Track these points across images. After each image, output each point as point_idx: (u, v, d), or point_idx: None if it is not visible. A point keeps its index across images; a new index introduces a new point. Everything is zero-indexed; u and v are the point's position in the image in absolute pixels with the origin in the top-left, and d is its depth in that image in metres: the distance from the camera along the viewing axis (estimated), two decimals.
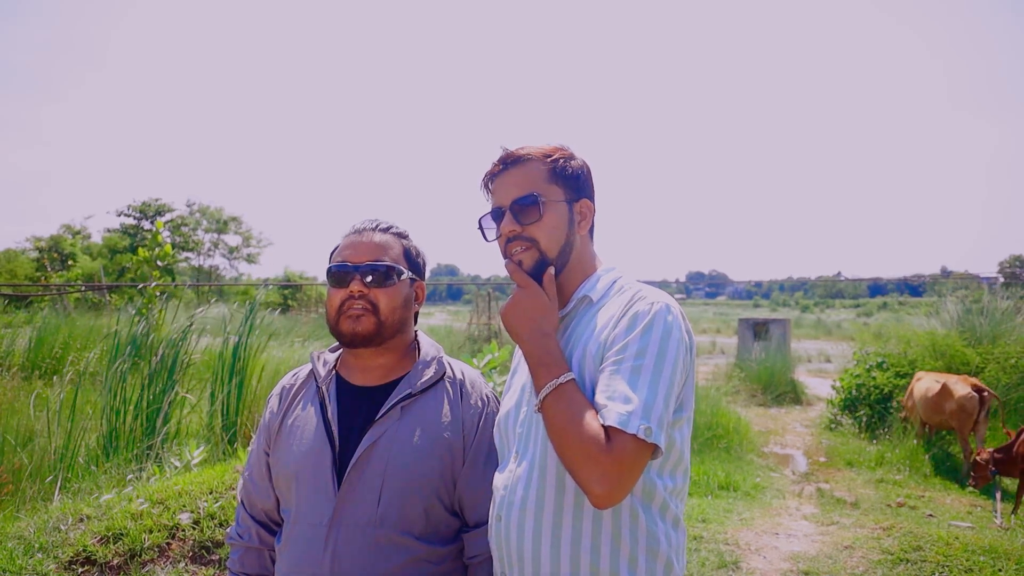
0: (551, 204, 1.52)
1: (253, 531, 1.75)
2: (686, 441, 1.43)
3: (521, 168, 1.54)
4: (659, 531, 1.38)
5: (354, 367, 1.73)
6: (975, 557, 4.25)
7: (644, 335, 1.35)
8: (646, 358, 1.33)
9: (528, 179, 1.53)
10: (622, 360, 1.33)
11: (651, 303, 1.40)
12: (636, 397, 1.29)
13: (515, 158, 1.55)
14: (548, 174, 1.54)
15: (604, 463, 1.24)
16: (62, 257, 25.76)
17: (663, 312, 1.38)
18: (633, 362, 1.33)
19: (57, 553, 3.17)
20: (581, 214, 1.56)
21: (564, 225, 1.53)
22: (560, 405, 1.32)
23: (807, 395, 12.52)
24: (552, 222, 1.52)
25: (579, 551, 1.37)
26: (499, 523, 1.49)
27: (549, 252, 1.52)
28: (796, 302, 75.34)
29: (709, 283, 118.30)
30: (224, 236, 40.13)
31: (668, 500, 1.40)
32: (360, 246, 1.70)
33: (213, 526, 3.43)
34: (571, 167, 1.56)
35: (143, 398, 5.03)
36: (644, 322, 1.36)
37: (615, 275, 1.57)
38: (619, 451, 1.25)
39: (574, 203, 1.55)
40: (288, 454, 1.66)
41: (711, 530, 5.05)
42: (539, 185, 1.53)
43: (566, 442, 1.28)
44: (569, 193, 1.55)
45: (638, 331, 1.36)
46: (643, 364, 1.32)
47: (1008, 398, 8.14)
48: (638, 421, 1.27)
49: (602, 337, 1.41)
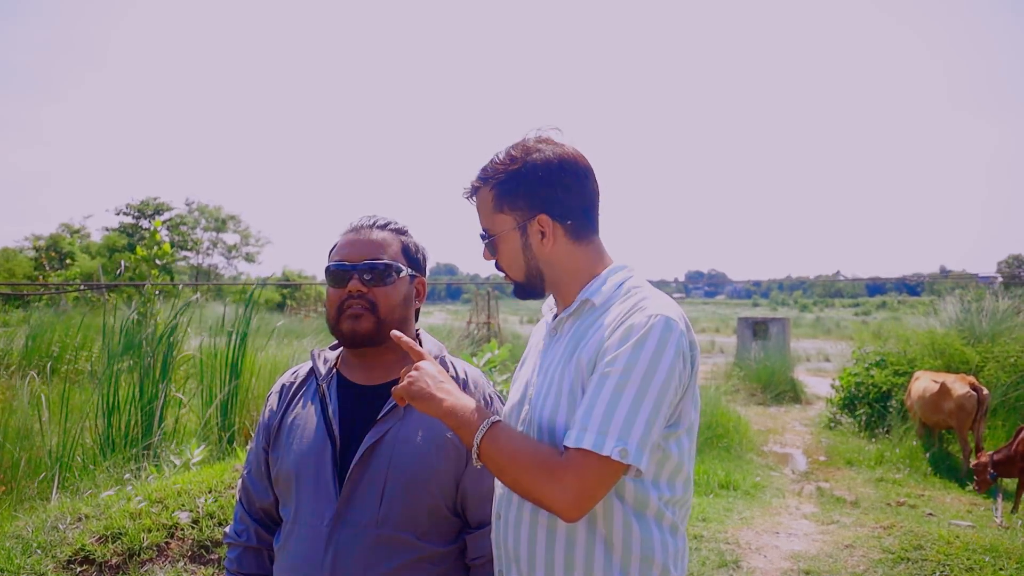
0: (501, 238, 1.48)
1: (252, 530, 1.73)
2: (685, 451, 1.38)
3: (477, 198, 1.51)
4: (654, 539, 1.34)
5: (355, 365, 1.71)
6: (976, 556, 4.25)
7: (635, 350, 1.28)
8: (632, 375, 1.27)
9: (481, 212, 1.51)
10: (608, 375, 1.29)
11: (649, 316, 1.32)
12: (615, 416, 1.25)
13: (471, 188, 1.52)
14: (494, 202, 1.47)
15: (563, 479, 1.24)
16: (60, 256, 25.72)
17: (659, 326, 1.30)
18: (619, 378, 1.27)
19: (55, 552, 3.15)
20: (540, 232, 1.45)
21: (519, 253, 1.48)
22: (499, 443, 1.30)
23: (806, 394, 12.52)
24: (508, 254, 1.49)
25: (573, 554, 1.35)
26: (499, 521, 1.48)
27: (518, 279, 1.51)
28: (795, 301, 75.41)
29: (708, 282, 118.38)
30: (222, 235, 40.13)
31: (664, 509, 1.36)
32: (358, 244, 1.68)
33: (212, 525, 3.42)
34: (521, 181, 1.44)
35: (140, 397, 5.01)
36: (637, 336, 1.29)
37: (623, 276, 1.47)
38: (581, 468, 1.24)
39: (528, 224, 1.45)
40: (288, 453, 1.65)
41: (711, 529, 5.05)
42: (487, 218, 1.49)
43: (519, 470, 1.28)
44: (520, 216, 1.45)
45: (629, 346, 1.29)
46: (628, 381, 1.27)
47: (1007, 397, 8.14)
48: (613, 443, 1.23)
49: (598, 346, 1.36)
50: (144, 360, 5.14)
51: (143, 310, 6.04)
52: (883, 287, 72.90)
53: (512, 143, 1.49)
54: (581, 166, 1.46)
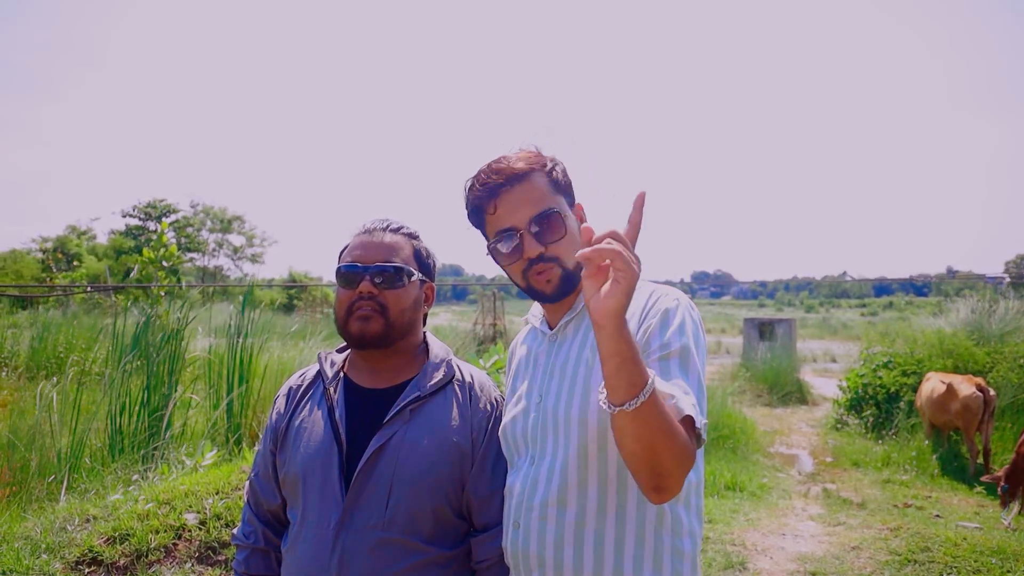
0: (567, 217, 1.47)
1: (259, 532, 1.73)
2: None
3: (527, 183, 1.45)
4: (683, 528, 1.37)
5: (362, 368, 1.72)
6: (983, 558, 4.23)
7: (680, 332, 1.35)
8: (689, 355, 1.32)
9: (537, 194, 1.45)
10: (669, 357, 1.31)
11: (675, 299, 1.41)
12: (691, 392, 1.27)
13: (517, 172, 1.45)
14: (551, 185, 1.47)
15: (690, 460, 1.22)
16: (68, 258, 25.84)
17: (688, 309, 1.40)
18: (679, 358, 1.31)
19: (64, 553, 3.17)
20: (580, 218, 1.52)
21: (577, 235, 1.47)
22: (656, 408, 1.18)
23: (813, 395, 12.48)
24: (573, 236, 1.46)
25: (603, 554, 1.34)
26: (517, 531, 1.46)
27: (570, 265, 1.45)
28: (801, 302, 75.14)
29: (714, 283, 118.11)
30: (228, 236, 40.22)
31: (691, 494, 1.40)
32: (370, 246, 1.68)
33: (219, 526, 3.43)
34: (562, 173, 1.51)
35: (149, 399, 5.03)
36: (676, 319, 1.36)
37: None
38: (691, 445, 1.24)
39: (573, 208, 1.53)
40: (295, 455, 1.65)
41: (717, 530, 5.04)
42: (551, 198, 1.46)
43: (666, 445, 1.18)
44: (569, 199, 1.52)
45: (674, 328, 1.35)
46: (688, 360, 1.32)
47: (1016, 398, 8.10)
48: (701, 417, 1.26)
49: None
50: (152, 362, 5.16)
51: (150, 311, 6.07)
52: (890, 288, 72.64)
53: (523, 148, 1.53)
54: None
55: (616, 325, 1.13)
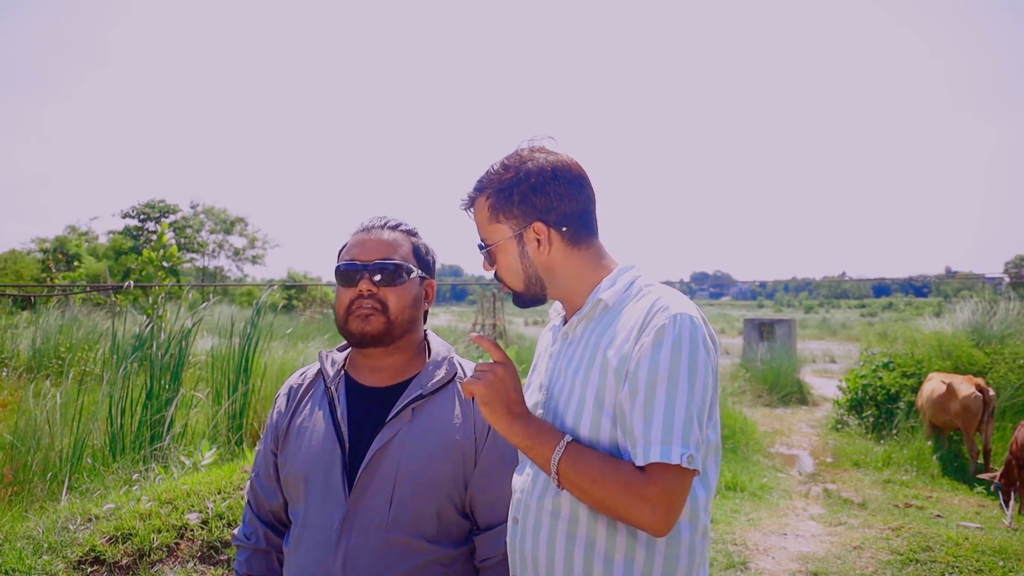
0: (498, 248, 1.48)
1: (261, 532, 1.73)
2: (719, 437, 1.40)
3: (473, 210, 1.52)
4: (681, 544, 1.33)
5: (363, 367, 1.71)
6: (985, 558, 4.23)
7: (673, 355, 1.28)
8: (679, 378, 1.27)
9: (479, 223, 1.51)
10: (656, 383, 1.27)
11: (673, 315, 1.31)
12: (675, 423, 1.24)
13: (467, 198, 1.53)
14: (490, 212, 1.48)
15: (651, 496, 1.22)
16: (67, 258, 25.82)
17: (687, 324, 1.30)
18: (667, 384, 1.27)
19: (66, 553, 3.17)
20: (536, 240, 1.46)
21: (516, 262, 1.48)
22: (578, 466, 1.28)
23: (813, 395, 12.49)
24: (505, 264, 1.49)
25: (592, 561, 1.33)
26: (515, 526, 1.46)
27: (516, 288, 1.51)
28: (800, 302, 75.12)
29: (713, 283, 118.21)
30: (229, 237, 40.18)
31: (699, 511, 1.35)
32: (369, 244, 1.67)
33: (221, 526, 3.43)
34: (515, 190, 1.45)
35: (149, 399, 5.03)
36: (671, 339, 1.29)
37: (632, 276, 1.47)
38: (663, 481, 1.22)
39: (523, 233, 1.46)
40: (297, 455, 1.64)
41: (719, 531, 5.05)
42: (484, 228, 1.50)
43: (605, 492, 1.25)
44: (515, 224, 1.46)
45: (666, 351, 1.28)
46: (677, 385, 1.27)
47: (1016, 400, 8.11)
48: (679, 450, 1.22)
49: (624, 350, 1.33)
50: (155, 363, 5.16)
51: (150, 311, 6.06)
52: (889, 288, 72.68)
53: (507, 153, 1.50)
54: (575, 172, 1.47)
55: (499, 429, 1.38)
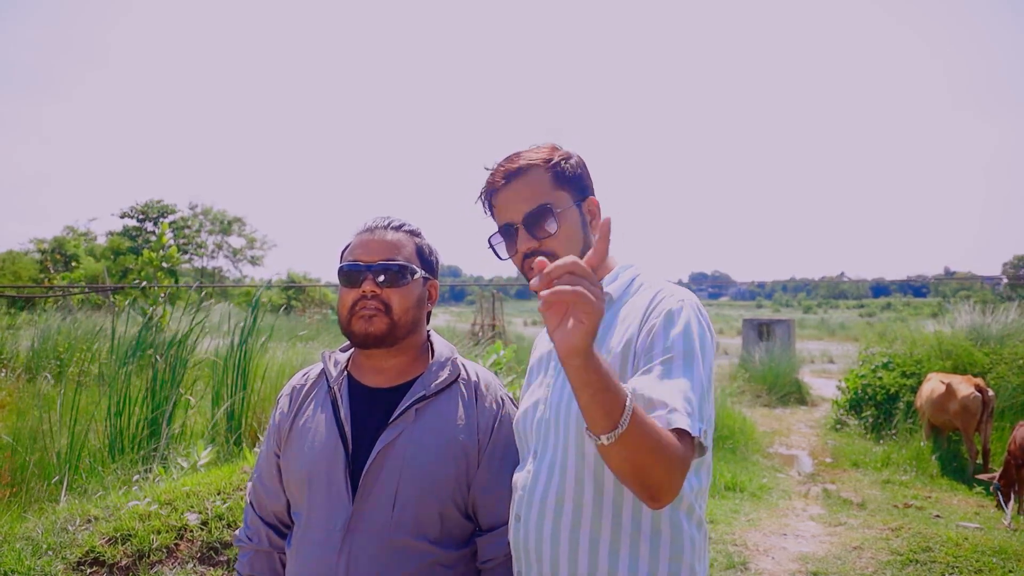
0: (564, 213, 1.46)
1: (263, 533, 1.72)
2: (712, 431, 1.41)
3: (525, 179, 1.47)
4: (684, 535, 1.35)
5: (366, 368, 1.70)
6: (985, 558, 4.23)
7: (685, 334, 1.31)
8: (693, 356, 1.29)
9: (535, 190, 1.47)
10: (672, 359, 1.28)
11: (680, 300, 1.37)
12: (693, 397, 1.24)
13: (516, 168, 1.48)
14: (553, 179, 1.48)
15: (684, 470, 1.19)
16: (65, 259, 25.78)
17: (694, 309, 1.36)
18: (683, 360, 1.28)
19: (65, 554, 3.16)
20: (591, 213, 1.52)
21: (579, 231, 1.48)
22: (640, 430, 1.14)
23: (812, 396, 12.49)
24: (568, 231, 1.46)
25: (597, 554, 1.34)
26: (518, 523, 1.47)
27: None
28: (799, 303, 75.25)
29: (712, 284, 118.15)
30: (228, 238, 40.16)
31: (694, 502, 1.38)
32: (372, 244, 1.66)
33: (221, 527, 3.42)
34: (571, 166, 1.50)
35: (148, 399, 5.02)
36: (681, 320, 1.32)
37: (633, 272, 1.53)
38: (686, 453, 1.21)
39: (582, 204, 1.50)
40: (300, 456, 1.64)
41: (719, 531, 5.05)
42: (547, 194, 1.47)
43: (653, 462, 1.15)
44: (576, 194, 1.50)
45: (678, 330, 1.31)
46: (692, 362, 1.28)
47: (1016, 400, 8.11)
48: (698, 424, 1.22)
49: (628, 335, 1.37)
50: (155, 364, 5.15)
51: (149, 312, 6.06)
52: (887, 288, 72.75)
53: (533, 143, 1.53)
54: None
55: (583, 360, 1.08)
